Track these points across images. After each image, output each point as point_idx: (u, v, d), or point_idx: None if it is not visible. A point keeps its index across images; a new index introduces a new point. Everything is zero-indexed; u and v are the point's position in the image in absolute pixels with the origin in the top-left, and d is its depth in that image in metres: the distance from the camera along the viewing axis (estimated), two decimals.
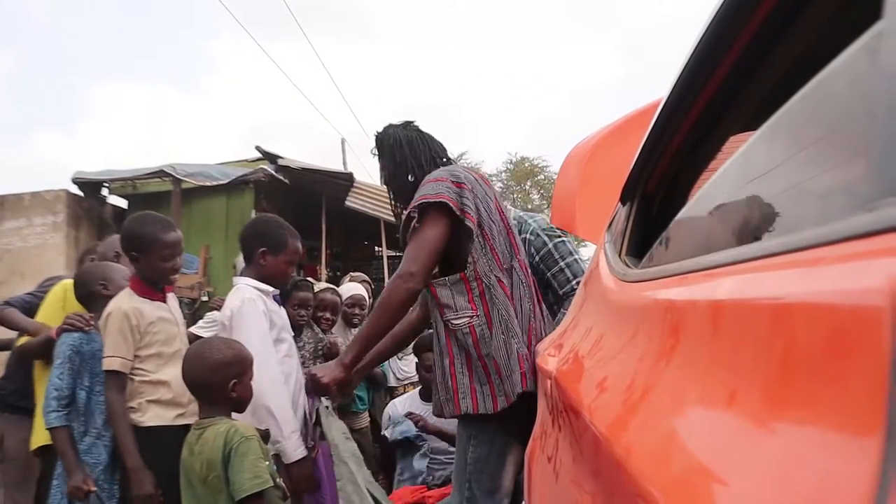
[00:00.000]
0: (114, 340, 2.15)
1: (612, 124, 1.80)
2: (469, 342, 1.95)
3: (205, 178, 6.81)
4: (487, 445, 1.93)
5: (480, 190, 2.05)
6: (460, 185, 1.98)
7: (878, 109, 0.36)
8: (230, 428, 1.83)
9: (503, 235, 2.05)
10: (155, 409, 2.17)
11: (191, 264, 6.84)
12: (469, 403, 1.93)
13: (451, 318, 1.98)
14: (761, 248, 0.46)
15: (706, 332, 0.52)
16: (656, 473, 0.48)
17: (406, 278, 1.94)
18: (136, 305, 2.21)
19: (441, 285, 1.99)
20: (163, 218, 2.38)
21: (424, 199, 1.95)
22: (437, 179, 2.00)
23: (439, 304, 1.99)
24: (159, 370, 2.21)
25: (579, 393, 0.81)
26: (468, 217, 1.94)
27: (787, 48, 0.73)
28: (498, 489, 1.93)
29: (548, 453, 1.04)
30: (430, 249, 1.95)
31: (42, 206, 7.06)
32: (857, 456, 0.29)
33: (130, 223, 2.41)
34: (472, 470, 1.92)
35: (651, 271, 0.76)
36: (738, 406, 0.43)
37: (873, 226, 0.33)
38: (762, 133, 0.57)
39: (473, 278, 1.97)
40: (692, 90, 0.86)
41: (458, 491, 1.96)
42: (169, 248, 2.27)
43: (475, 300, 1.96)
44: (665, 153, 1.00)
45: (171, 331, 2.29)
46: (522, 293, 2.02)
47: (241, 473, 1.77)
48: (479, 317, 1.95)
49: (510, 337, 1.91)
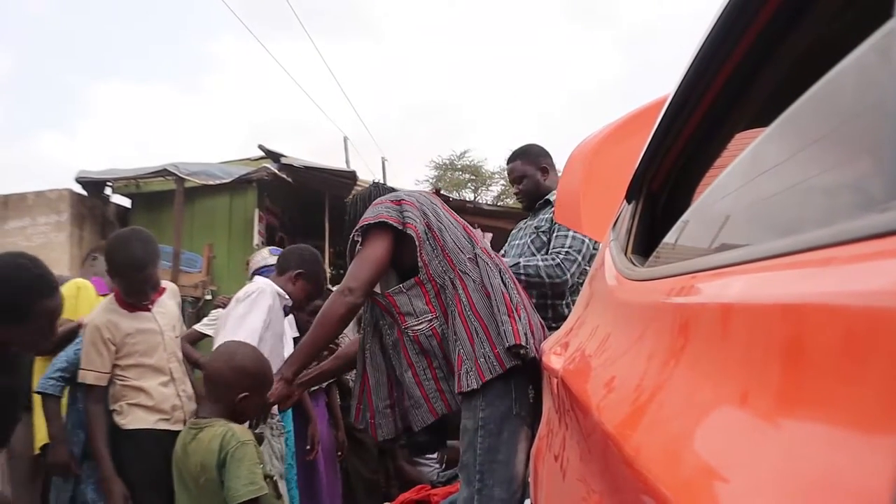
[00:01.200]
0: (87, 354, 2.19)
1: (617, 121, 1.80)
2: (434, 344, 2.01)
3: (208, 176, 6.81)
4: (496, 435, 1.91)
5: (427, 200, 2.14)
6: (400, 201, 2.07)
7: (891, 109, 0.36)
8: (227, 431, 1.83)
9: (459, 231, 2.11)
10: (137, 412, 2.20)
11: (194, 263, 6.85)
12: (441, 405, 2.00)
13: (413, 324, 2.03)
14: (772, 248, 0.45)
15: (716, 332, 0.52)
16: (666, 473, 0.48)
17: (345, 293, 2.00)
18: (110, 318, 2.22)
19: (398, 293, 2.04)
20: (141, 234, 2.39)
21: (365, 221, 2.04)
22: (377, 203, 2.09)
23: (399, 313, 2.04)
24: (141, 378, 2.23)
25: (587, 392, 0.81)
26: (409, 227, 2.00)
27: (793, 45, 0.73)
28: (514, 478, 1.91)
29: (555, 452, 1.04)
30: (370, 265, 2.02)
31: (46, 206, 7.07)
32: (872, 457, 0.29)
33: (111, 243, 2.44)
34: (482, 461, 1.90)
35: (658, 270, 0.76)
36: (749, 406, 0.43)
37: (886, 226, 0.33)
38: (771, 131, 0.57)
39: (427, 280, 2.02)
40: (698, 87, 0.86)
41: (466, 485, 1.93)
42: (140, 269, 2.28)
43: (432, 302, 2.02)
44: (670, 150, 1.00)
45: (152, 341, 2.29)
46: (491, 275, 2.05)
47: (237, 479, 1.76)
48: (438, 318, 2.02)
49: (473, 322, 1.95)
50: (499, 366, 1.89)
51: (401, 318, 2.04)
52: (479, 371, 1.89)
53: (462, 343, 1.94)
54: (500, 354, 1.90)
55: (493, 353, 1.90)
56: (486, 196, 23.72)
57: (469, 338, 1.94)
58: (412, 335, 2.03)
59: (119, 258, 2.30)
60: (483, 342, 1.92)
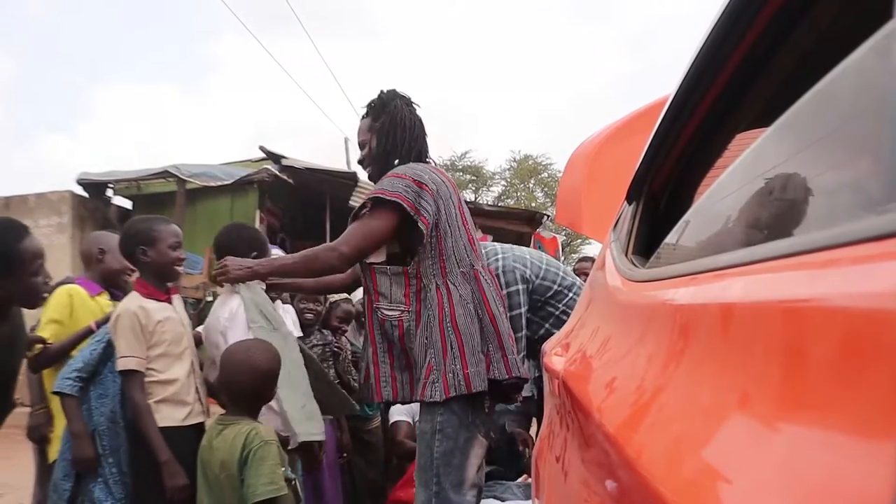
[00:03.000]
0: (126, 340, 2.17)
1: (618, 122, 1.80)
2: (395, 335, 2.01)
3: (209, 178, 6.83)
4: (452, 439, 1.95)
5: (445, 191, 2.07)
6: (422, 185, 2.00)
7: (891, 110, 0.36)
8: (251, 430, 1.85)
9: (462, 240, 2.07)
10: (165, 409, 2.19)
11: (195, 265, 6.86)
12: (389, 392, 2.02)
13: (384, 307, 2.02)
14: (773, 249, 0.45)
15: (717, 334, 0.52)
16: (668, 475, 0.48)
17: (336, 255, 1.99)
18: (142, 305, 2.22)
19: (381, 273, 2.03)
20: (158, 216, 2.46)
21: (382, 193, 1.99)
22: (398, 176, 2.02)
23: (375, 290, 2.03)
24: (168, 369, 2.23)
25: (588, 394, 0.81)
26: (422, 219, 1.97)
27: (794, 46, 0.73)
28: (465, 481, 1.96)
29: (556, 453, 1.04)
30: (370, 238, 2.00)
31: (47, 208, 7.09)
32: (873, 460, 0.29)
33: (131, 224, 2.46)
34: (439, 464, 1.95)
35: (659, 271, 0.76)
36: (750, 408, 0.43)
37: (888, 228, 0.33)
38: (772, 132, 0.57)
39: (414, 275, 2.01)
40: (699, 87, 0.86)
41: (424, 487, 1.98)
42: (174, 236, 2.33)
43: (411, 296, 2.01)
44: (671, 151, 0.99)
45: (178, 330, 2.30)
46: (485, 297, 2.02)
47: (257, 478, 1.78)
48: (410, 313, 2.00)
49: (451, 335, 1.94)
50: (465, 387, 1.91)
51: (375, 296, 2.04)
52: (444, 385, 1.91)
53: (435, 352, 1.94)
54: (469, 376, 1.91)
55: (463, 374, 1.91)
56: (487, 196, 23.76)
57: (443, 349, 1.94)
58: (380, 317, 2.03)
59: (149, 226, 2.33)
60: (456, 358, 1.92)
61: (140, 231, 2.31)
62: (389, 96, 2.19)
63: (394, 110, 2.15)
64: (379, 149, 2.17)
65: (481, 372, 1.93)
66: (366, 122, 2.22)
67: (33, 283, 1.89)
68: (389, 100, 2.18)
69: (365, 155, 2.22)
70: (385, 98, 2.19)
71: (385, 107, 2.17)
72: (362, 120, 2.25)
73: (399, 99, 2.19)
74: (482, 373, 1.93)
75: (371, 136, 2.19)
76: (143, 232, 2.30)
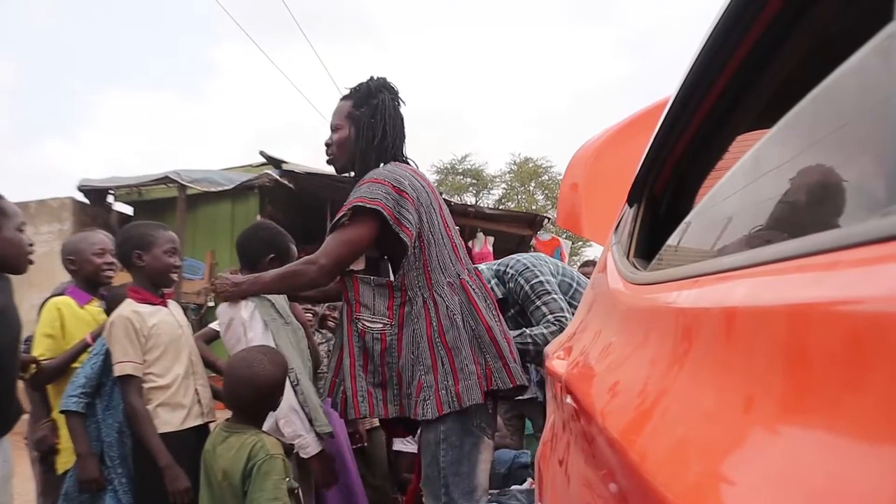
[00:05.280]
0: (122, 346, 2.16)
1: (618, 124, 1.80)
2: (377, 349, 1.92)
3: (210, 183, 6.83)
4: (457, 447, 1.90)
5: (425, 198, 1.98)
6: (402, 192, 1.91)
7: (892, 111, 0.35)
8: (257, 442, 1.83)
9: (446, 249, 1.99)
10: (163, 414, 2.18)
11: (196, 270, 6.86)
12: (366, 408, 1.91)
13: (366, 318, 1.93)
14: (776, 252, 0.45)
15: (720, 337, 0.52)
16: (672, 479, 0.48)
17: (316, 268, 1.91)
18: (136, 309, 2.22)
19: (365, 283, 1.95)
20: (155, 222, 2.47)
21: (361, 201, 1.89)
22: (377, 181, 1.92)
23: (357, 301, 1.94)
24: (166, 373, 2.22)
25: (591, 397, 0.81)
26: (404, 230, 1.88)
27: (795, 47, 0.73)
28: (476, 488, 1.92)
29: (559, 456, 1.03)
30: (349, 249, 1.92)
31: (48, 214, 7.10)
32: (877, 463, 0.29)
33: (127, 228, 2.47)
34: (447, 474, 1.89)
35: (661, 274, 0.76)
36: (754, 412, 0.43)
37: (891, 230, 0.32)
38: (773, 134, 0.56)
39: (398, 288, 1.94)
40: (700, 89, 0.86)
41: (433, 499, 1.93)
42: (170, 242, 2.33)
43: (394, 309, 1.93)
44: (673, 153, 0.99)
45: (175, 332, 2.29)
46: (475, 305, 1.95)
47: (261, 492, 1.77)
48: (393, 327, 1.92)
49: (441, 350, 1.88)
50: (457, 402, 1.86)
51: (356, 306, 1.94)
52: (437, 402, 1.86)
53: (425, 370, 1.88)
54: (460, 392, 1.86)
55: (455, 390, 1.86)
56: (488, 200, 23.77)
57: (434, 366, 1.88)
58: (360, 328, 1.93)
59: (144, 230, 2.34)
60: (447, 374, 1.87)
61: (136, 235, 2.32)
62: (377, 86, 2.07)
63: (379, 103, 2.05)
64: (358, 144, 2.06)
65: (472, 386, 1.87)
66: (346, 104, 2.10)
67: (15, 247, 1.92)
68: (376, 90, 2.07)
69: (335, 140, 2.10)
70: (372, 87, 2.07)
71: (370, 97, 2.06)
72: (342, 101, 2.12)
73: (387, 91, 2.08)
74: (473, 386, 1.87)
75: (348, 124, 2.07)
76: (138, 236, 2.31)
